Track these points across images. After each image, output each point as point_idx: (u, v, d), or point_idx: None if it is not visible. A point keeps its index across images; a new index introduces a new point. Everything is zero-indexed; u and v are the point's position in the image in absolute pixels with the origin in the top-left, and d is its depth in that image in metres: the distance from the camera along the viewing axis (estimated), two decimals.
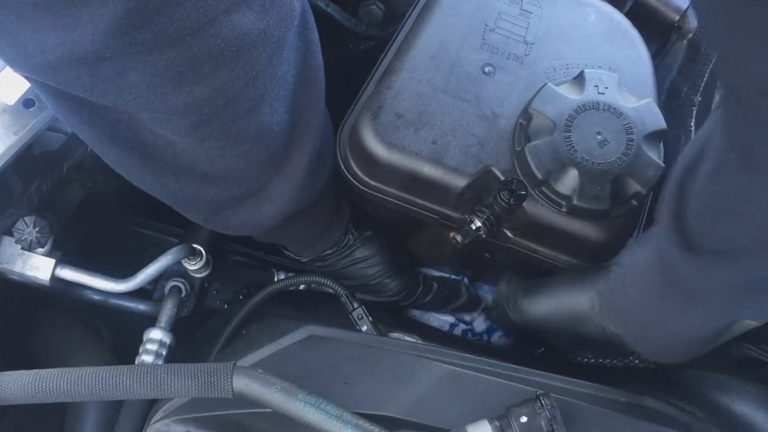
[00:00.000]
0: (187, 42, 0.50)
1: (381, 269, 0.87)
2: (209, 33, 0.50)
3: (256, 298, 0.86)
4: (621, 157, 0.72)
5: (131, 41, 0.48)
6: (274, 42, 0.56)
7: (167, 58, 0.50)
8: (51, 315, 0.88)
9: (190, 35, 0.49)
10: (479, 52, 0.82)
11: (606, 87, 0.76)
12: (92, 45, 0.47)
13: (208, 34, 0.50)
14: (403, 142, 0.75)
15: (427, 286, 0.93)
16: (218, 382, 0.54)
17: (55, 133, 0.78)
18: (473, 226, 0.74)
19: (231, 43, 0.52)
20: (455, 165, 0.75)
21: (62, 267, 0.80)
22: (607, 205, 0.72)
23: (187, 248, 0.87)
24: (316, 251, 0.86)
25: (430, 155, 0.75)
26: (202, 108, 0.56)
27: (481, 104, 0.78)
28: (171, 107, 0.55)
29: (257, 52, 0.55)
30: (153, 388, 0.54)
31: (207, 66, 0.52)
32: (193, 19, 0.49)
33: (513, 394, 0.61)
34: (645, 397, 0.69)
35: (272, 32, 0.55)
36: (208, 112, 0.57)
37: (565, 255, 0.78)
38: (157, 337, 0.82)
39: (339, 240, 0.85)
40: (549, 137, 0.73)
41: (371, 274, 0.87)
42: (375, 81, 0.80)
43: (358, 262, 0.86)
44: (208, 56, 0.52)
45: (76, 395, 0.54)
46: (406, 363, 0.69)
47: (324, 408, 0.54)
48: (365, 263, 0.86)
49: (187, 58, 0.51)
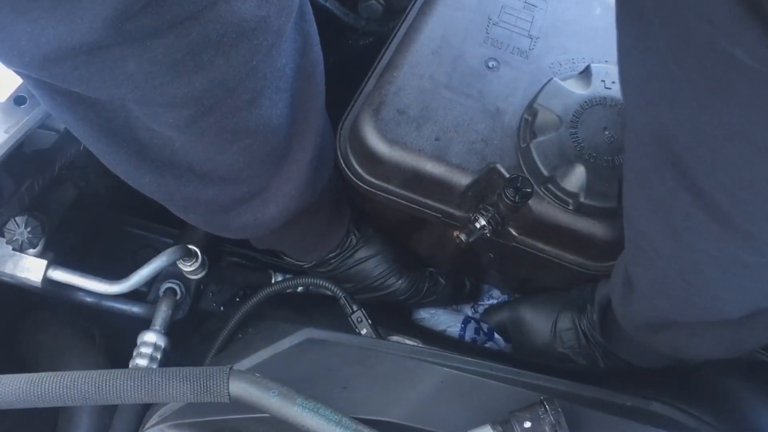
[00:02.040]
0: (185, 27, 0.49)
1: (386, 268, 0.87)
2: (208, 18, 0.50)
3: (253, 301, 0.86)
4: None
5: (130, 28, 0.47)
6: (274, 31, 0.56)
7: (165, 44, 0.50)
8: (43, 317, 0.88)
9: (188, 19, 0.49)
10: (483, 46, 0.82)
11: (613, 81, 0.76)
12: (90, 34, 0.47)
13: (206, 19, 0.50)
14: (405, 139, 0.75)
15: (433, 282, 0.93)
16: (214, 386, 0.54)
17: (47, 131, 0.78)
18: (477, 225, 0.74)
19: (230, 30, 0.52)
20: (459, 162, 0.74)
21: (54, 268, 0.80)
22: (614, 202, 0.72)
23: (183, 249, 0.87)
24: (319, 255, 0.85)
25: (432, 152, 0.74)
26: (202, 99, 0.56)
27: (484, 100, 0.78)
28: (169, 98, 0.55)
29: (257, 40, 0.55)
30: (147, 393, 0.54)
31: (205, 54, 0.52)
32: (191, 2, 0.48)
33: (516, 399, 0.61)
34: (652, 402, 0.69)
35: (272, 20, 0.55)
36: (208, 103, 0.57)
37: (572, 254, 0.78)
38: (151, 340, 0.82)
39: (341, 242, 0.85)
40: (555, 133, 0.73)
41: (376, 275, 0.86)
42: (376, 76, 0.80)
43: (361, 262, 0.86)
44: (206, 43, 0.51)
45: (68, 400, 0.53)
46: (407, 367, 0.69)
47: (322, 413, 0.54)
48: (369, 263, 0.86)
49: (185, 44, 0.50)
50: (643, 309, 0.66)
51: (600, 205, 0.72)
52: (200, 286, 0.96)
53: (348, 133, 0.78)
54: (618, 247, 0.74)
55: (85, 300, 0.87)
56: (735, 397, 0.77)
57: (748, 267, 0.50)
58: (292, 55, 0.64)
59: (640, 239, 0.60)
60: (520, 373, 0.69)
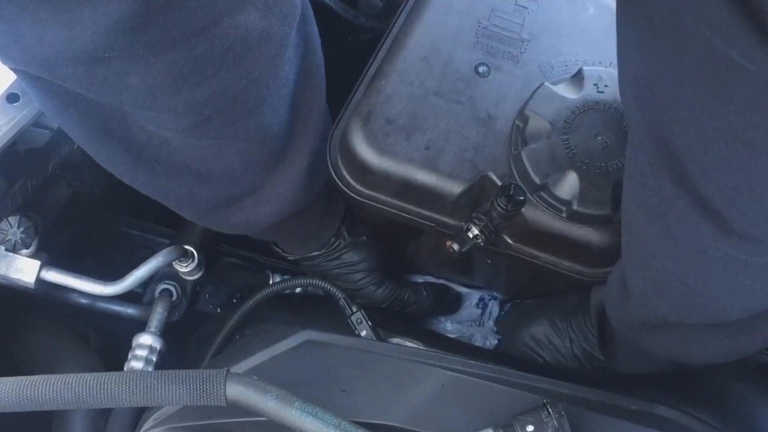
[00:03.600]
0: (191, 43, 0.50)
1: (366, 276, 0.87)
2: (214, 33, 0.50)
3: (251, 302, 0.86)
4: (622, 160, 0.72)
5: (133, 42, 0.47)
6: (277, 41, 0.56)
7: (169, 60, 0.50)
8: (36, 319, 0.88)
9: (194, 36, 0.49)
10: (473, 51, 0.81)
11: (606, 85, 0.75)
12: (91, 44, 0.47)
13: (212, 35, 0.50)
14: (394, 149, 0.74)
15: (415, 293, 0.94)
16: (211, 389, 0.54)
17: (40, 129, 0.78)
18: (470, 234, 0.74)
19: (235, 44, 0.52)
20: (450, 171, 0.74)
21: (48, 269, 0.80)
22: (608, 209, 0.72)
23: (179, 250, 0.86)
24: (307, 250, 0.86)
25: (423, 161, 0.74)
26: (202, 109, 0.56)
27: (475, 106, 0.77)
28: (170, 108, 0.55)
29: (260, 52, 0.55)
30: (142, 396, 0.54)
31: (209, 68, 0.52)
32: (198, 18, 0.48)
33: (519, 402, 0.61)
34: (656, 405, 0.69)
35: (275, 31, 0.55)
36: (208, 112, 0.57)
37: (568, 261, 0.78)
38: (146, 343, 0.82)
39: (328, 242, 0.86)
40: (547, 140, 0.73)
41: (356, 280, 0.87)
42: (364, 85, 0.80)
43: (343, 266, 0.87)
44: (211, 58, 0.52)
45: (62, 403, 0.53)
46: (407, 369, 0.69)
47: (321, 417, 0.54)
48: (351, 269, 0.87)
49: (189, 60, 0.51)
50: (638, 310, 0.66)
51: (594, 213, 0.72)
52: (197, 288, 0.96)
53: (338, 144, 0.78)
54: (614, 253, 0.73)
55: (79, 301, 0.87)
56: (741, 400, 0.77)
57: (749, 267, 0.50)
58: (295, 62, 0.64)
59: (635, 241, 0.60)
60: (523, 375, 0.69)
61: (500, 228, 0.75)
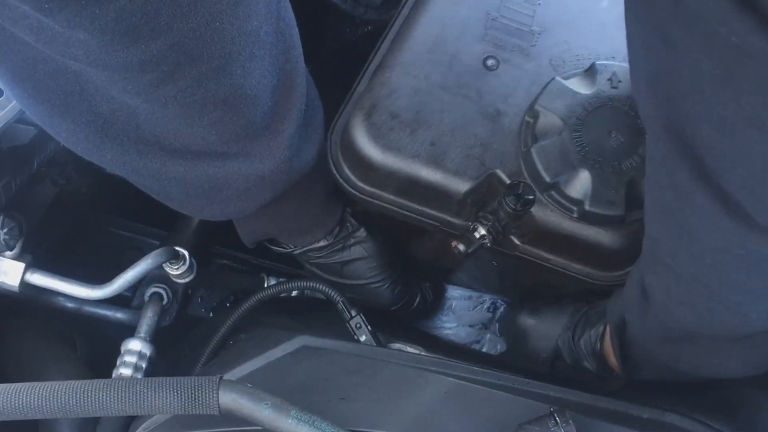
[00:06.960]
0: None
1: (379, 273, 0.86)
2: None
3: (245, 306, 0.86)
4: (636, 158, 0.72)
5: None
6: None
7: (116, 8, 0.48)
8: (20, 324, 0.88)
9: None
10: (481, 43, 0.81)
11: (620, 81, 0.75)
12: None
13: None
14: (398, 144, 0.74)
15: (423, 297, 0.94)
16: (203, 397, 0.54)
17: (24, 126, 0.78)
18: (477, 234, 0.74)
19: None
20: (456, 168, 0.74)
21: (32, 271, 0.80)
22: (621, 210, 0.72)
23: (170, 251, 0.86)
24: (314, 238, 0.83)
25: (428, 158, 0.74)
26: (160, 65, 0.55)
27: (483, 101, 0.77)
28: (125, 64, 0.54)
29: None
30: (132, 404, 0.54)
31: (162, 17, 0.51)
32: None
33: (524, 410, 0.61)
34: (668, 414, 0.69)
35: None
36: (167, 69, 0.55)
37: (578, 263, 0.78)
38: (136, 348, 0.82)
39: (333, 230, 0.84)
40: (558, 137, 0.73)
41: (368, 276, 0.86)
42: (367, 77, 0.80)
43: (356, 260, 0.85)
44: (162, 3, 0.50)
45: (48, 411, 0.53)
46: (408, 376, 0.69)
47: (318, 426, 0.54)
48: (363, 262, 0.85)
49: (138, 6, 0.49)
50: (661, 320, 0.66)
51: (606, 213, 0.72)
52: (188, 291, 0.96)
53: (339, 138, 0.78)
54: (627, 256, 0.73)
55: (65, 305, 0.87)
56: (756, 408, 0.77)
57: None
58: (265, 18, 0.61)
59: (655, 243, 0.60)
60: (528, 383, 0.69)
61: (508, 228, 0.75)
